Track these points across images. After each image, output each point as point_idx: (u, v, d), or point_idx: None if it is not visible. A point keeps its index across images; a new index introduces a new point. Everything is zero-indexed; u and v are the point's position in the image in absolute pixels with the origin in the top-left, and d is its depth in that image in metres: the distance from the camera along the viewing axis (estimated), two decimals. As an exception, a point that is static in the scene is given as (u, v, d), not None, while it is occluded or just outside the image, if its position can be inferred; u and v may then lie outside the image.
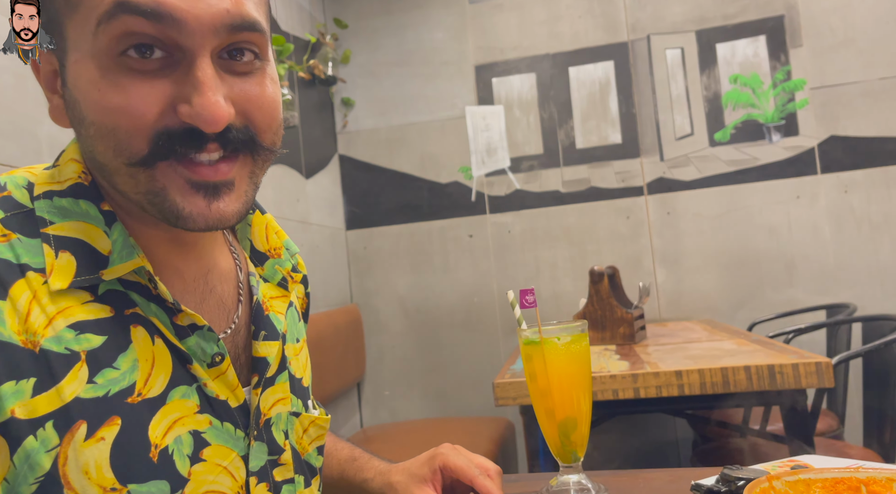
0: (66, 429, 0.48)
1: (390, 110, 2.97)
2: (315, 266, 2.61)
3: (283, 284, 0.69)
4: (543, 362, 0.76)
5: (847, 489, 0.56)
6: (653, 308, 2.70)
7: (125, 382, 0.51)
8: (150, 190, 0.51)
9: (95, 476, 0.48)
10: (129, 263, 0.53)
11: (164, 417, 0.53)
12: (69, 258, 0.51)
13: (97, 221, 0.54)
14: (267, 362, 0.62)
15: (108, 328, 0.52)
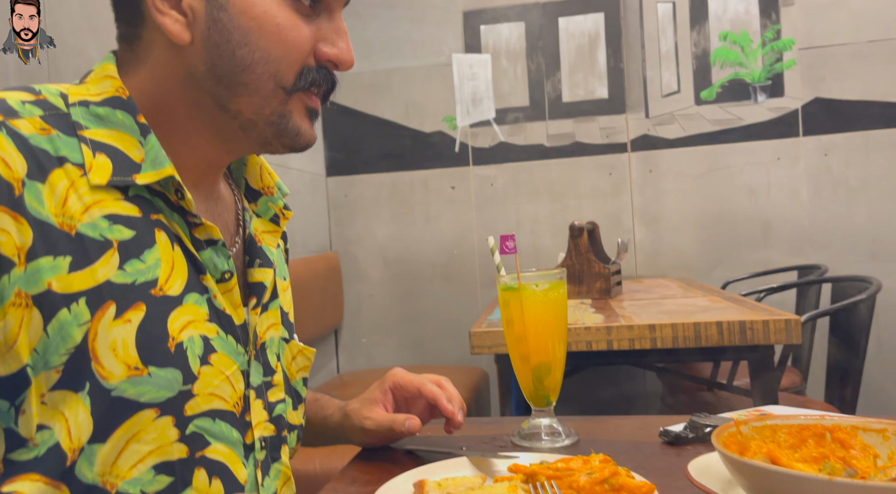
0: (98, 307, 0.52)
1: (375, 54, 2.89)
2: (294, 212, 2.57)
3: (276, 220, 0.73)
4: (521, 307, 0.76)
5: (812, 435, 0.58)
6: (630, 265, 2.73)
7: (150, 275, 0.56)
8: (280, 113, 0.60)
9: (122, 354, 0.53)
10: (160, 171, 0.57)
11: (180, 315, 0.57)
12: (105, 160, 0.56)
13: (133, 131, 0.58)
14: (264, 285, 0.68)
15: (137, 226, 0.57)
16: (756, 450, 0.56)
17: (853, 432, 0.57)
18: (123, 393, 0.53)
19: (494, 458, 0.68)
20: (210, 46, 0.58)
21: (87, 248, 0.53)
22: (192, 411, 0.57)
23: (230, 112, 0.60)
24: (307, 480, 1.52)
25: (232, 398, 0.61)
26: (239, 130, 0.61)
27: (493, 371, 2.62)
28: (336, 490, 0.66)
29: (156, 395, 0.54)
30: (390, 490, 0.61)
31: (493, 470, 0.66)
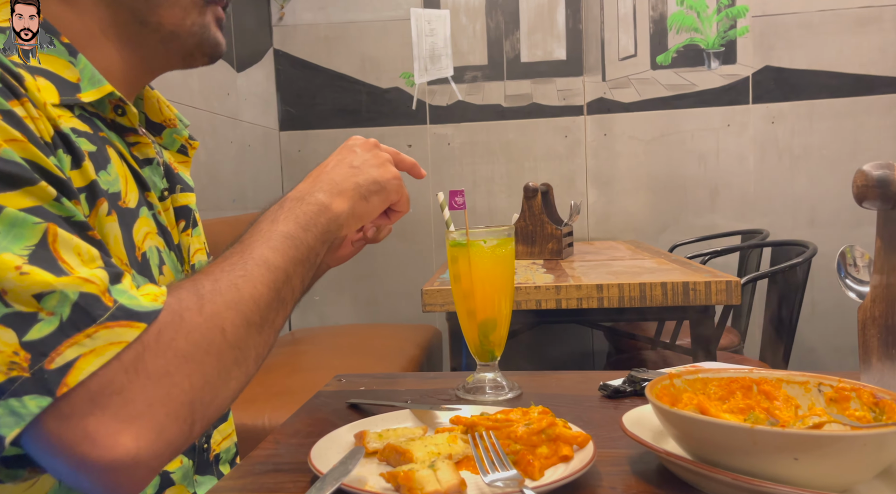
0: (94, 203, 0.55)
1: (331, 5, 2.80)
2: (245, 166, 2.51)
3: (183, 150, 0.74)
4: (468, 263, 0.77)
5: (740, 387, 0.60)
6: (582, 227, 2.77)
7: (115, 187, 0.59)
8: (200, 23, 0.64)
9: (114, 247, 0.57)
10: (101, 88, 0.59)
11: (140, 227, 0.61)
12: (46, 82, 0.56)
13: (59, 52, 0.58)
14: (190, 208, 0.70)
15: (94, 141, 0.58)
16: (687, 402, 0.58)
17: (778, 384, 0.60)
18: None
19: (437, 410, 0.69)
20: None
21: (75, 151, 0.54)
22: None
23: (150, 25, 0.62)
24: (255, 434, 1.52)
25: None
26: (160, 44, 0.63)
27: (445, 329, 2.65)
28: (277, 441, 0.66)
29: None
30: (331, 442, 0.61)
31: (436, 422, 0.67)
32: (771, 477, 0.47)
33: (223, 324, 0.51)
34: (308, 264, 0.60)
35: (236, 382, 0.52)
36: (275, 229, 0.59)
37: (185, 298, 0.50)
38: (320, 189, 0.64)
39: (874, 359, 0.67)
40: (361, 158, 0.68)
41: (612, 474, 0.56)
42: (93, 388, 0.44)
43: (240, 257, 0.55)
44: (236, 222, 2.21)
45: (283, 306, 0.57)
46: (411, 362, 2.14)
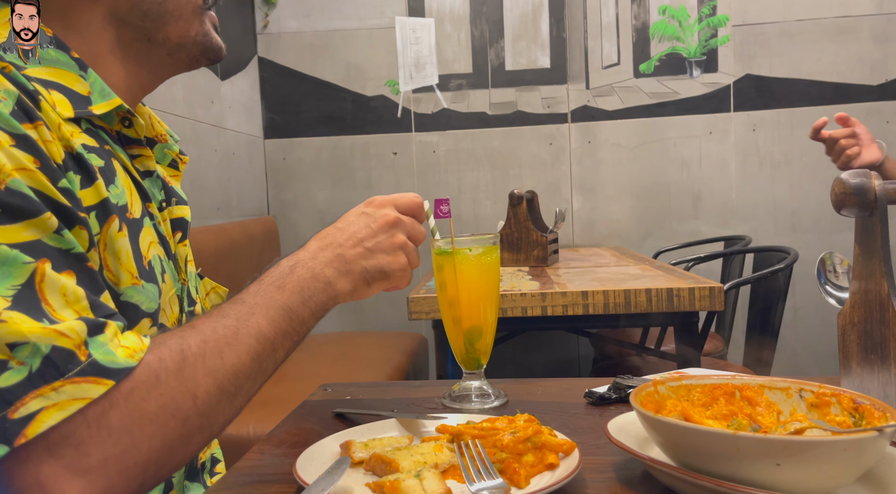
0: (105, 220, 0.57)
1: (315, 13, 2.80)
2: (230, 174, 2.50)
3: (174, 165, 0.76)
4: (454, 271, 0.77)
5: (723, 393, 0.61)
6: (567, 234, 2.79)
7: (123, 199, 0.61)
8: (203, 31, 0.67)
9: (126, 263, 0.58)
10: (111, 101, 0.61)
11: (145, 236, 0.63)
12: (59, 95, 0.57)
13: (70, 66, 0.59)
14: (185, 220, 0.73)
15: (102, 155, 0.60)
16: (671, 409, 0.58)
17: (760, 390, 0.60)
18: (130, 299, 0.58)
19: (423, 419, 0.68)
20: None
21: (88, 168, 0.56)
22: (163, 322, 0.64)
23: (156, 41, 0.65)
24: (239, 444, 1.51)
25: (171, 318, 0.66)
26: (166, 56, 0.67)
27: (431, 337, 2.64)
28: (262, 452, 0.66)
29: (149, 305, 0.60)
30: (317, 452, 0.61)
31: (422, 431, 0.67)
32: (754, 483, 0.47)
33: (196, 391, 0.51)
34: (297, 338, 0.61)
35: (196, 446, 0.53)
36: (277, 298, 0.59)
37: (167, 357, 0.50)
38: (331, 265, 0.64)
39: (854, 364, 0.67)
40: (376, 239, 0.67)
41: (598, 481, 0.56)
42: (51, 438, 0.45)
43: (235, 320, 0.56)
44: (220, 230, 2.19)
45: (262, 375, 0.57)
46: (397, 370, 2.13)
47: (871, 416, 0.52)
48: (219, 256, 2.07)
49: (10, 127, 0.49)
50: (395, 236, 0.68)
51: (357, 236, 0.66)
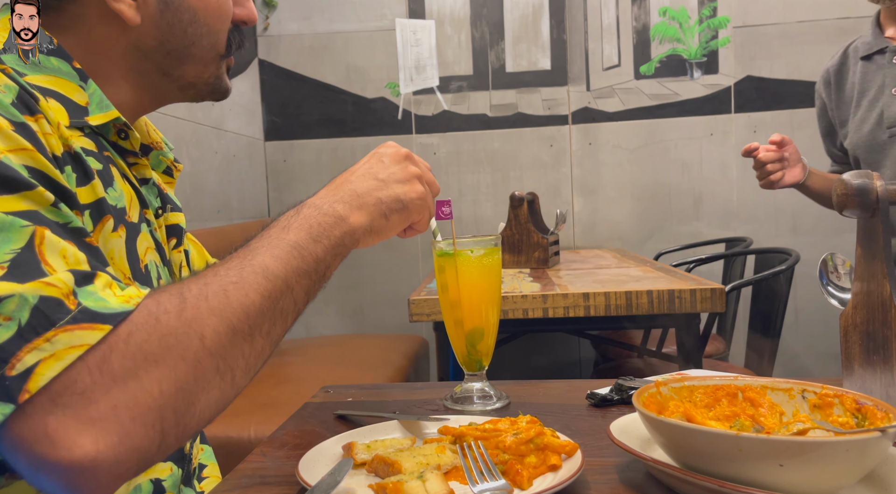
0: (99, 220, 0.57)
1: (315, 15, 2.81)
2: (230, 176, 2.50)
3: (169, 172, 0.76)
4: (455, 273, 0.77)
5: (726, 394, 0.61)
6: (568, 236, 2.79)
7: (121, 203, 0.61)
8: (217, 75, 0.69)
9: (118, 263, 0.58)
10: (108, 113, 0.61)
11: (142, 241, 0.63)
12: (56, 103, 0.58)
13: (71, 76, 0.60)
14: (181, 227, 0.74)
15: (100, 160, 0.60)
16: (673, 410, 0.58)
17: (762, 391, 0.60)
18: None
19: (425, 421, 0.68)
20: (162, 26, 0.63)
21: (85, 167, 0.56)
22: None
23: (172, 77, 0.66)
24: (241, 446, 1.51)
25: None
26: (176, 90, 0.68)
27: (432, 339, 2.64)
28: (264, 454, 0.66)
29: None
30: (319, 454, 0.61)
31: (424, 433, 0.67)
32: (757, 484, 0.47)
33: (203, 330, 0.48)
34: (315, 277, 0.57)
35: (219, 392, 0.50)
36: (283, 237, 0.56)
37: (165, 300, 0.48)
38: (340, 200, 0.62)
39: (856, 365, 0.67)
40: (388, 170, 0.65)
41: (601, 482, 0.56)
42: (55, 388, 0.43)
43: (238, 261, 0.53)
44: (221, 232, 2.19)
45: (281, 316, 0.54)
46: (399, 372, 2.13)
47: (874, 417, 0.52)
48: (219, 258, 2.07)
49: (10, 115, 0.49)
50: (409, 168, 0.66)
51: (369, 171, 0.64)
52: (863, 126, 1.28)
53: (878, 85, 1.28)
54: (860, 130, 1.29)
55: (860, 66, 1.33)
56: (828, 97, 1.47)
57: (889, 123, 1.23)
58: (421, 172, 0.67)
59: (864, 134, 1.27)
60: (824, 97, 1.48)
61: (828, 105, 1.48)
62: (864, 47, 1.33)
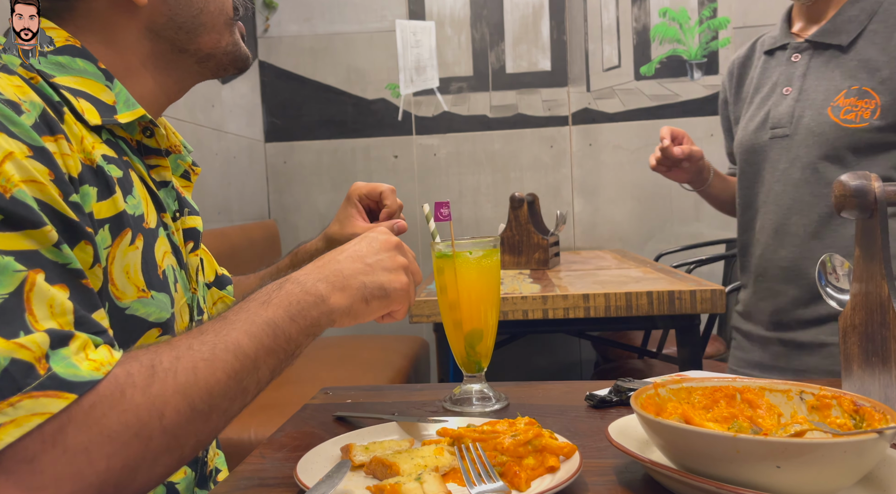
0: (118, 233, 0.57)
1: (316, 16, 2.81)
2: (230, 178, 2.51)
3: (186, 175, 0.78)
4: (454, 274, 0.77)
5: (724, 396, 0.61)
6: (568, 237, 2.79)
7: (140, 209, 0.62)
8: (233, 41, 0.70)
9: (133, 276, 0.59)
10: (134, 111, 0.62)
11: (160, 246, 0.64)
12: (87, 103, 0.59)
13: (97, 77, 0.61)
14: (198, 231, 0.74)
15: (120, 166, 0.61)
16: (672, 411, 0.58)
17: (760, 393, 0.60)
18: (136, 312, 0.59)
19: (424, 422, 0.68)
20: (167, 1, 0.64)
21: (107, 180, 0.57)
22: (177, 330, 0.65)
23: (188, 52, 0.67)
24: (240, 448, 1.51)
25: (180, 327, 0.66)
26: (195, 65, 0.69)
27: (432, 340, 2.64)
28: (263, 455, 0.66)
29: (159, 316, 0.61)
30: (317, 455, 0.61)
31: (422, 434, 0.67)
32: (755, 485, 0.47)
33: (164, 409, 0.48)
34: (283, 356, 0.57)
35: (163, 467, 0.50)
36: (261, 313, 0.56)
37: (136, 371, 0.48)
38: (325, 278, 0.61)
39: (855, 366, 0.67)
40: (377, 256, 0.65)
41: (599, 484, 0.56)
42: (6, 453, 0.43)
43: (213, 336, 0.53)
44: (221, 234, 2.20)
45: (241, 395, 0.54)
46: (398, 373, 2.13)
47: (872, 418, 0.52)
48: (219, 260, 2.06)
49: (30, 139, 0.50)
50: (397, 257, 0.66)
51: (357, 254, 0.64)
52: (749, 125, 1.17)
53: (772, 82, 1.18)
54: (746, 128, 1.18)
55: (762, 60, 1.22)
56: (729, 90, 1.34)
57: (773, 123, 1.13)
58: (408, 263, 0.67)
59: (749, 133, 1.16)
60: (727, 90, 1.35)
61: (728, 99, 1.35)
62: (770, 41, 1.23)
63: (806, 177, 1.11)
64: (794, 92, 1.13)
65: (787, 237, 1.12)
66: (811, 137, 1.10)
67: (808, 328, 1.13)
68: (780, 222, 1.13)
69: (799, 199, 1.11)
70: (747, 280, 1.23)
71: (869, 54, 1.10)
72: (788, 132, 1.11)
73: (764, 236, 1.15)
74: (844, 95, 1.10)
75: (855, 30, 1.11)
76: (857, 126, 1.08)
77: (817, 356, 1.12)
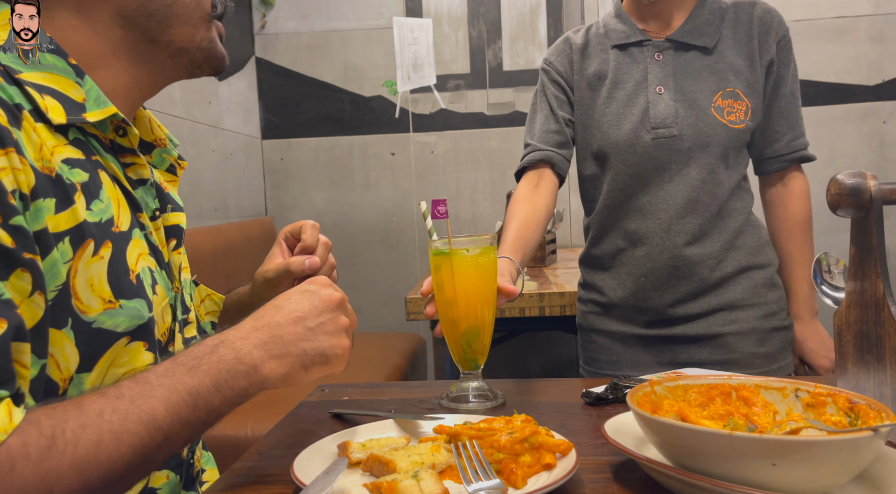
0: (79, 245, 0.55)
1: (313, 13, 2.80)
2: (227, 175, 2.50)
3: (172, 170, 0.75)
4: (451, 272, 0.77)
5: (720, 393, 0.61)
6: (565, 234, 2.79)
7: (108, 213, 0.59)
8: (209, 38, 0.67)
9: (98, 288, 0.56)
10: (105, 109, 0.60)
11: (133, 249, 0.61)
12: (53, 101, 0.57)
13: (67, 73, 0.59)
14: (181, 227, 0.71)
15: (87, 168, 0.58)
16: (668, 409, 0.59)
17: (756, 390, 0.60)
18: (102, 325, 0.56)
19: (420, 420, 0.69)
20: None
21: (66, 189, 0.54)
22: (157, 335, 0.62)
23: (160, 43, 0.64)
24: (237, 445, 1.51)
25: (161, 328, 0.64)
26: (168, 59, 0.66)
27: (429, 338, 2.64)
28: (260, 453, 0.66)
29: (129, 325, 0.58)
30: (314, 452, 0.61)
31: (419, 432, 0.67)
32: (750, 483, 0.47)
33: (55, 486, 0.45)
34: (202, 427, 0.54)
35: None
36: (186, 381, 0.53)
37: (33, 442, 0.45)
38: (262, 345, 0.57)
39: (850, 364, 0.68)
40: (319, 319, 0.60)
41: (595, 481, 0.56)
42: None
43: (129, 403, 0.50)
44: (218, 231, 2.19)
45: (146, 466, 0.51)
46: (395, 370, 2.13)
47: (867, 416, 0.52)
48: (216, 257, 2.07)
49: None
50: (340, 318, 0.61)
51: (298, 314, 0.59)
52: (621, 123, 1.12)
53: (635, 80, 1.13)
54: (618, 126, 1.12)
55: (613, 54, 1.16)
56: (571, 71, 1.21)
57: (655, 123, 1.10)
58: (350, 324, 0.63)
59: (624, 132, 1.11)
60: (562, 71, 1.22)
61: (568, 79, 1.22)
62: (619, 36, 1.16)
63: (703, 177, 1.10)
64: (670, 92, 1.11)
65: (678, 236, 1.11)
66: (703, 138, 1.10)
67: (697, 320, 1.12)
68: (672, 222, 1.11)
69: (695, 199, 1.10)
70: (618, 281, 1.17)
71: (730, 58, 1.13)
72: (675, 132, 1.10)
73: (651, 235, 1.12)
74: (721, 96, 1.11)
75: (714, 33, 1.13)
76: (738, 127, 1.10)
77: (708, 348, 1.12)
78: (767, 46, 1.14)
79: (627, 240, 1.15)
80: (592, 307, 1.23)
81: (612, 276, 1.18)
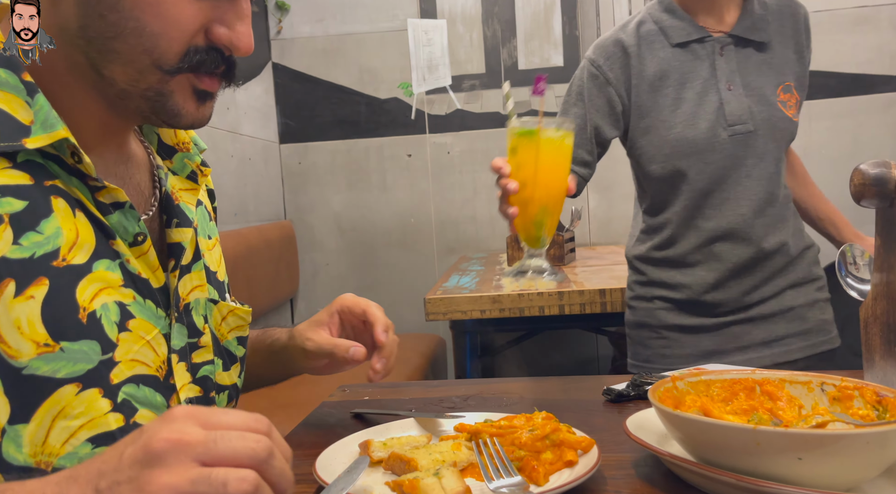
0: None
1: (328, 17, 2.82)
2: (246, 179, 2.52)
3: (193, 177, 0.70)
4: (536, 150, 0.77)
5: (743, 388, 0.60)
6: (584, 233, 2.78)
7: (49, 246, 0.52)
8: (157, 90, 0.56)
9: (28, 332, 0.50)
10: (52, 133, 0.53)
11: (90, 283, 0.54)
12: None
13: (17, 90, 0.53)
14: (182, 246, 0.64)
15: (29, 195, 0.52)
16: (690, 404, 0.58)
17: (781, 385, 0.60)
18: (36, 371, 0.50)
19: (441, 418, 0.69)
20: (81, 3, 0.54)
21: None
22: (117, 379, 0.55)
23: (105, 78, 0.56)
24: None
25: (154, 362, 0.59)
26: (116, 98, 0.57)
27: (448, 338, 2.64)
28: (283, 453, 0.66)
29: (73, 369, 0.52)
30: (336, 452, 0.61)
31: (440, 430, 0.67)
32: (775, 478, 0.47)
33: None
34: None
35: None
36: None
37: None
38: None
39: (877, 357, 0.67)
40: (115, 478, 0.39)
41: (617, 478, 0.56)
42: None
43: None
44: (238, 235, 2.21)
45: None
46: (415, 371, 2.14)
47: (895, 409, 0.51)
48: (237, 261, 2.09)
49: None
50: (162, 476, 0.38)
51: (100, 466, 0.40)
52: (697, 121, 1.11)
53: (702, 78, 1.13)
54: (694, 125, 1.11)
55: (674, 52, 1.15)
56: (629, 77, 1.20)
57: (731, 120, 1.10)
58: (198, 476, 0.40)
59: (702, 131, 1.10)
60: (615, 77, 1.21)
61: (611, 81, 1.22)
62: (678, 33, 1.15)
63: (776, 169, 1.15)
64: (738, 88, 1.13)
65: (760, 229, 1.15)
66: (775, 132, 1.13)
67: (770, 300, 1.18)
68: (754, 216, 1.14)
69: (771, 191, 1.15)
70: (695, 277, 1.17)
71: (782, 52, 1.16)
72: (751, 128, 1.12)
73: (733, 232, 1.14)
74: (782, 89, 1.15)
75: (768, 28, 1.16)
76: (797, 120, 1.18)
77: (784, 322, 1.18)
78: (808, 40, 1.21)
79: (708, 237, 1.18)
80: (662, 304, 1.23)
81: (691, 273, 1.19)
